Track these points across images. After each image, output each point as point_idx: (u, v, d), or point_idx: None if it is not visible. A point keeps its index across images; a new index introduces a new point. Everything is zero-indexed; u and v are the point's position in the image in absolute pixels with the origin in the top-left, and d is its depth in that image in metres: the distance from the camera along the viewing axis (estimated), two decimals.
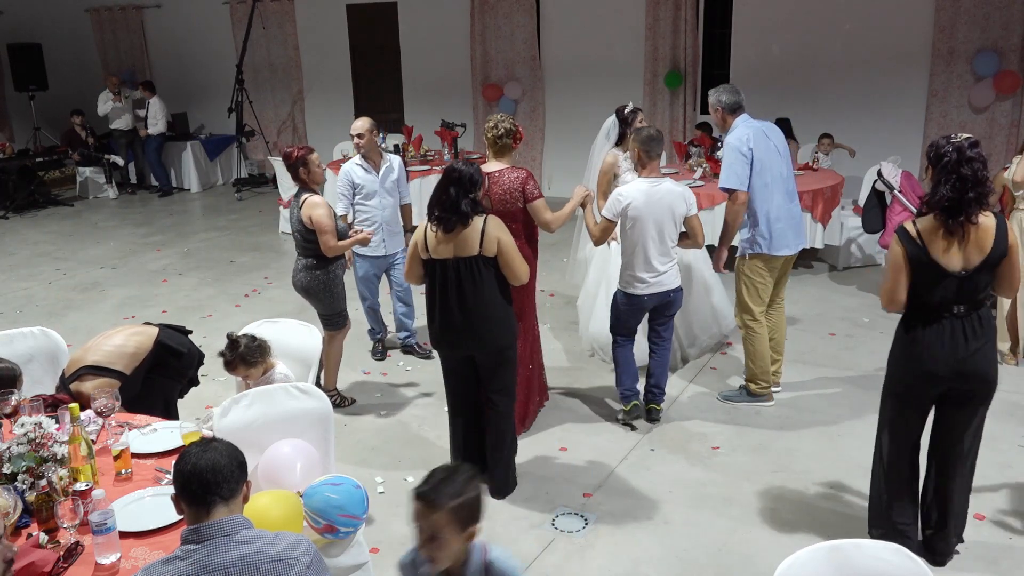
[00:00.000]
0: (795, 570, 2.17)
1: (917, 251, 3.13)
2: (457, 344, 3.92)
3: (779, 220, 4.68)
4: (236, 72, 11.54)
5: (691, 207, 4.51)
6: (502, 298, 3.88)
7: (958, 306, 3.16)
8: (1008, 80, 8.47)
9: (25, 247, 9.41)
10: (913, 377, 3.29)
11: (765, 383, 4.96)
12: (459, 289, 3.79)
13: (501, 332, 3.89)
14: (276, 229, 9.70)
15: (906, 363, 3.30)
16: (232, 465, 2.12)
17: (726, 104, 4.68)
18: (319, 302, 4.91)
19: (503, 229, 3.80)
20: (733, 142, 4.60)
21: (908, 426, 3.39)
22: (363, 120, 5.43)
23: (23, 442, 2.72)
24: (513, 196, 4.33)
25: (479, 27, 10.99)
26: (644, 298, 4.56)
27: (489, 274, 3.80)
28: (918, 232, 3.14)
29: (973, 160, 3.06)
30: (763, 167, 4.61)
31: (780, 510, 3.94)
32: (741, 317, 4.89)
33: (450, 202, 3.71)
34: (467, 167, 3.77)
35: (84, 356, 3.56)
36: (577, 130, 10.55)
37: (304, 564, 2.04)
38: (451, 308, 3.82)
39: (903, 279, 3.19)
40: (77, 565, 2.41)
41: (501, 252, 3.77)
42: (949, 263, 3.11)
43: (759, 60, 9.43)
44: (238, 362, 3.61)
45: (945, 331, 3.18)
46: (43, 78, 13.00)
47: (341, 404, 5.07)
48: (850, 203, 7.94)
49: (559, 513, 3.96)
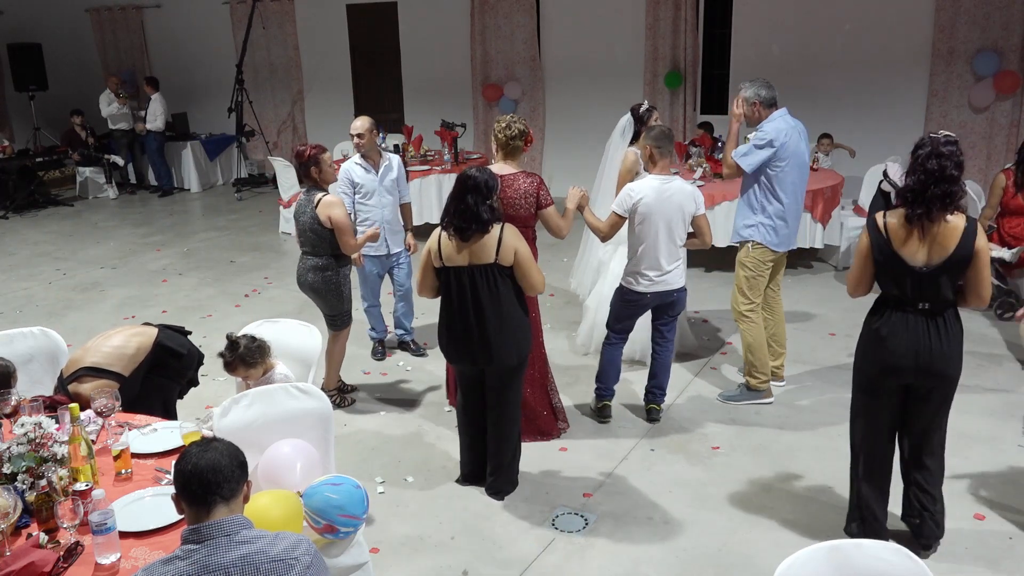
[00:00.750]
0: (795, 570, 2.17)
1: (880, 241, 3.20)
2: (474, 357, 3.86)
3: (789, 218, 4.74)
4: (236, 72, 11.55)
5: (700, 206, 4.50)
6: (520, 309, 3.85)
7: (922, 303, 3.21)
8: (1008, 80, 8.47)
9: (25, 247, 9.41)
10: (876, 369, 3.35)
11: (764, 376, 4.96)
12: (475, 298, 3.75)
13: (519, 344, 3.85)
14: (276, 229, 9.70)
15: (869, 355, 3.37)
16: (232, 465, 2.11)
17: (764, 98, 4.70)
18: (326, 302, 4.88)
19: (520, 238, 3.76)
20: (770, 131, 4.63)
21: (876, 417, 3.44)
22: (363, 119, 5.43)
23: (23, 442, 2.72)
24: (527, 201, 4.28)
25: (479, 27, 10.99)
26: (647, 296, 4.54)
27: (505, 284, 3.76)
28: (885, 224, 3.21)
29: (943, 156, 3.09)
30: (789, 164, 4.66)
31: (780, 510, 3.94)
32: (738, 307, 4.90)
33: (469, 210, 3.65)
34: (482, 173, 3.72)
35: (83, 357, 3.55)
36: (577, 130, 10.59)
37: (304, 564, 2.04)
38: (468, 319, 3.77)
39: (867, 267, 3.29)
40: (77, 565, 2.41)
41: (518, 262, 3.74)
42: (911, 257, 3.15)
43: (759, 60, 9.42)
44: (238, 363, 3.60)
45: (908, 326, 3.23)
46: (43, 78, 13.01)
47: (341, 404, 5.07)
48: (850, 203, 7.94)
49: (559, 513, 3.96)
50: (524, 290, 3.84)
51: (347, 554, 2.94)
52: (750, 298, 4.84)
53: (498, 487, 4.08)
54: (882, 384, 3.36)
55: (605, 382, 4.80)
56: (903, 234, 3.17)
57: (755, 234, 4.76)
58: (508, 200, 4.25)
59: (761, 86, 4.70)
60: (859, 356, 3.45)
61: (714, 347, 5.89)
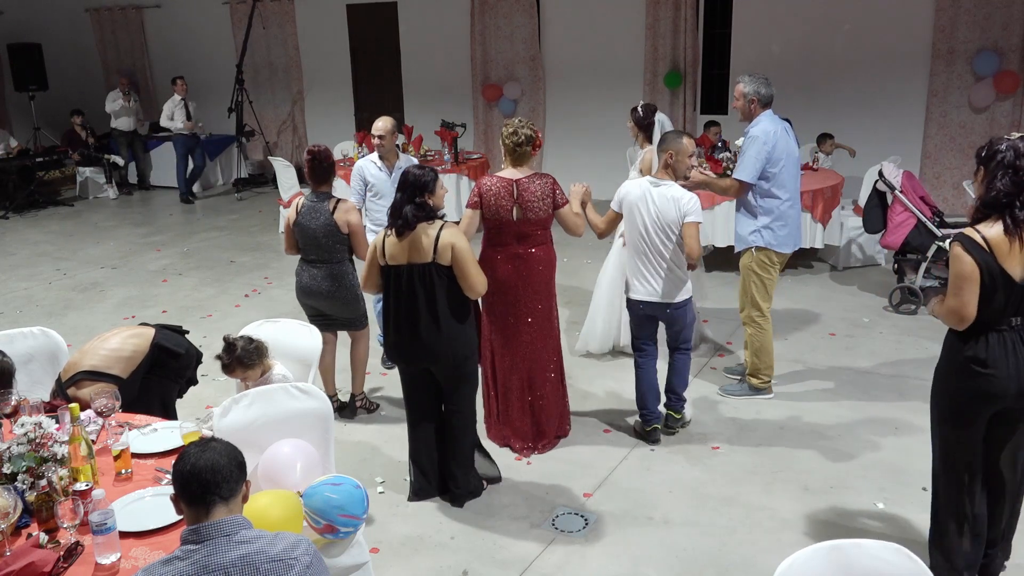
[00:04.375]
0: (795, 570, 2.17)
1: (987, 259, 2.89)
2: (411, 356, 3.87)
3: (789, 217, 4.74)
4: (236, 72, 11.54)
5: (689, 213, 4.25)
6: (458, 310, 3.79)
7: (1015, 318, 2.97)
8: (1008, 80, 8.47)
9: (25, 247, 9.41)
10: (976, 398, 3.04)
11: (768, 377, 4.98)
12: (411, 297, 3.73)
13: (455, 345, 3.80)
14: (276, 229, 9.69)
15: (965, 383, 3.04)
16: (231, 465, 2.11)
17: (763, 96, 4.69)
18: (346, 307, 4.76)
19: (459, 236, 3.74)
20: (760, 135, 4.62)
21: (967, 450, 3.14)
22: (384, 120, 5.35)
23: (23, 442, 2.72)
24: (545, 203, 4.25)
25: (479, 27, 10.99)
26: (639, 304, 4.45)
27: (442, 284, 3.73)
28: (984, 239, 2.90)
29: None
30: (781, 164, 4.65)
31: (780, 510, 3.94)
32: (749, 313, 4.89)
33: (396, 205, 3.75)
34: (419, 170, 3.79)
35: (80, 361, 3.54)
36: (577, 130, 10.58)
37: (304, 564, 2.04)
38: (404, 318, 3.77)
39: (975, 290, 2.91)
40: (77, 565, 2.41)
41: (456, 260, 3.70)
42: (1014, 270, 2.90)
43: (759, 60, 9.41)
44: (235, 365, 3.60)
45: (1008, 347, 2.97)
46: (43, 78, 13.00)
47: (369, 409, 5.03)
48: (850, 203, 7.94)
49: (559, 513, 3.96)
50: (464, 290, 3.78)
51: (347, 554, 2.94)
52: (761, 303, 4.83)
53: (456, 495, 4.02)
54: (980, 413, 3.06)
55: (648, 406, 4.55)
56: (1006, 246, 2.88)
57: (758, 239, 4.75)
58: (526, 203, 4.22)
59: (762, 84, 4.70)
60: (951, 387, 3.11)
61: (714, 347, 5.89)
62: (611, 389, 5.27)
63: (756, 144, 4.61)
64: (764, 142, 4.60)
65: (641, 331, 4.56)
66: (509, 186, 4.24)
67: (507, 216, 4.24)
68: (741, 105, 4.76)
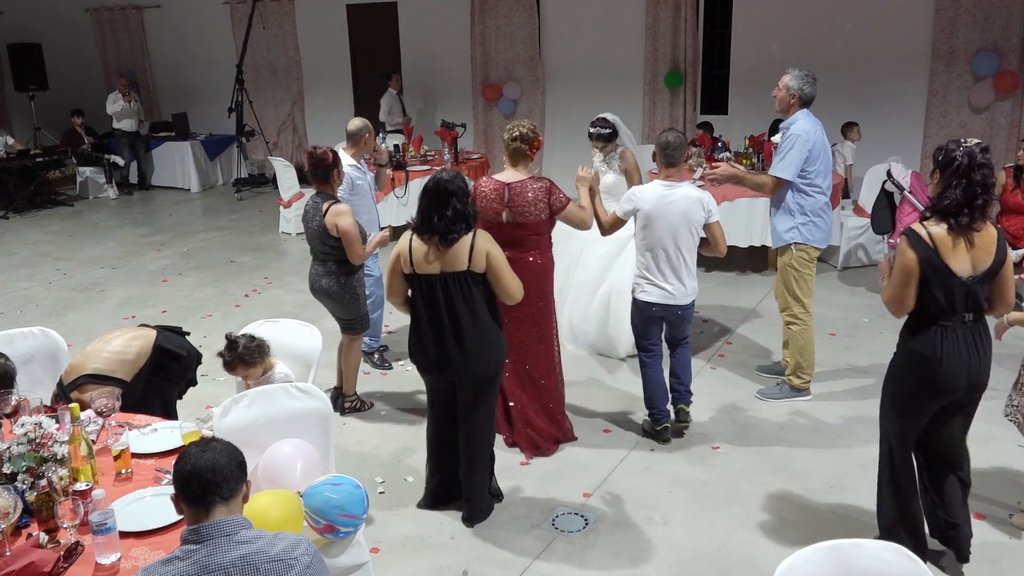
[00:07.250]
0: (795, 570, 2.17)
1: (929, 254, 3.05)
2: (448, 369, 3.66)
3: (825, 214, 4.79)
4: (236, 72, 11.54)
5: (713, 213, 4.29)
6: (496, 317, 3.70)
7: (967, 314, 3.11)
8: (1008, 80, 8.47)
9: (25, 247, 9.41)
10: (927, 391, 3.19)
11: (808, 376, 4.98)
12: (450, 307, 3.57)
13: (494, 356, 3.69)
14: (276, 229, 9.70)
15: (918, 378, 3.18)
16: (232, 465, 2.11)
17: (805, 95, 4.69)
18: (343, 307, 4.77)
19: (493, 243, 3.61)
20: (801, 134, 4.62)
21: (911, 437, 3.33)
22: (354, 122, 5.41)
23: (23, 442, 2.72)
24: (538, 208, 4.19)
25: (479, 27, 10.99)
26: (653, 307, 4.41)
27: (479, 292, 3.59)
28: (929, 235, 3.06)
29: (983, 166, 3.03)
30: (819, 163, 4.68)
31: (780, 510, 3.94)
32: (791, 310, 4.88)
33: (458, 215, 3.51)
34: (455, 177, 3.58)
35: (83, 363, 3.52)
36: (577, 130, 10.55)
37: (304, 564, 2.04)
38: (442, 329, 3.59)
39: (913, 283, 3.10)
40: (77, 565, 2.41)
41: (491, 267, 3.58)
42: (959, 267, 3.04)
43: (759, 60, 9.42)
44: (237, 363, 3.60)
45: (960, 343, 3.11)
46: (43, 78, 13.00)
47: (360, 408, 5.04)
48: (850, 203, 7.94)
49: (559, 513, 3.96)
50: (500, 297, 3.70)
51: (347, 554, 2.95)
52: (803, 298, 4.85)
53: (471, 514, 3.88)
54: (930, 405, 3.23)
55: (657, 405, 4.54)
56: (950, 244, 3.04)
57: (796, 235, 4.76)
58: (516, 207, 4.18)
59: (807, 83, 4.69)
60: (901, 380, 3.27)
61: (714, 347, 5.89)
62: (611, 389, 5.28)
63: (799, 143, 4.62)
64: (806, 140, 4.61)
65: (648, 332, 4.54)
66: (500, 189, 4.21)
67: (497, 219, 4.21)
68: (782, 96, 4.73)
